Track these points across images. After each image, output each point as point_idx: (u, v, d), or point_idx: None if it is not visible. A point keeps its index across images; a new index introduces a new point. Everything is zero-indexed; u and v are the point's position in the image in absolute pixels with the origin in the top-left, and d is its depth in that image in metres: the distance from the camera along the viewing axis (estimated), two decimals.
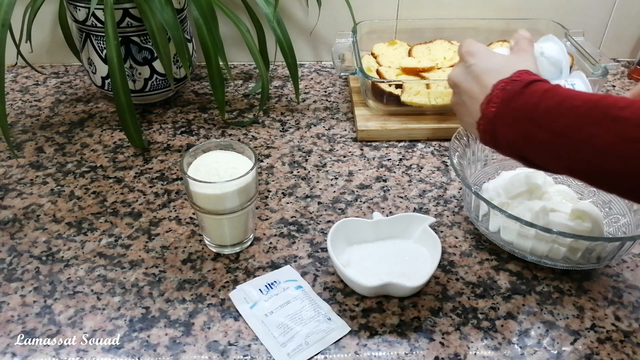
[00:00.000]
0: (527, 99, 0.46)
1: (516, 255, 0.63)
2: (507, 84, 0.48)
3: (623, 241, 0.58)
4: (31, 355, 0.53)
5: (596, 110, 0.42)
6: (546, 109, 0.45)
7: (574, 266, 0.60)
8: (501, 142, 0.49)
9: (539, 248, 0.60)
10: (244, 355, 0.53)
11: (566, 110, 0.43)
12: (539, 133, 0.45)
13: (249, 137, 0.85)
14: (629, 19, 1.06)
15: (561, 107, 0.44)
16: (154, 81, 0.87)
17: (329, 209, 0.71)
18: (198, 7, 0.75)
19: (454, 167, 0.64)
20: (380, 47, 0.98)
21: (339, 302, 0.58)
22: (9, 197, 0.72)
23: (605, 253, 0.59)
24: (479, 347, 0.54)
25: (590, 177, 0.44)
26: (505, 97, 0.48)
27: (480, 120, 0.50)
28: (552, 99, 0.45)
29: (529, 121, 0.46)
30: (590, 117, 0.42)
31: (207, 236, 0.64)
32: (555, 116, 0.44)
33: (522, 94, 0.47)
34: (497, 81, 0.49)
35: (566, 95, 0.45)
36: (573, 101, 0.44)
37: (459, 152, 0.67)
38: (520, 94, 0.47)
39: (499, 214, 0.58)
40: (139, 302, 0.58)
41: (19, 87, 0.98)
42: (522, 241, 0.61)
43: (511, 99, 0.47)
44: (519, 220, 0.57)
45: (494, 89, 0.49)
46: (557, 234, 0.56)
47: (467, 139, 0.70)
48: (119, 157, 0.80)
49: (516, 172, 0.70)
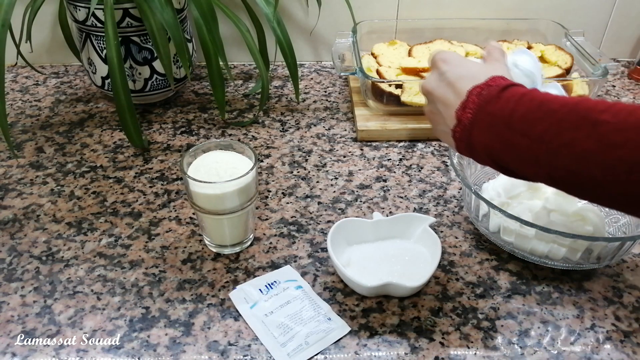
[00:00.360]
0: (503, 103, 0.45)
1: (516, 255, 0.63)
2: (482, 89, 0.47)
3: (623, 241, 0.58)
4: (31, 355, 0.53)
5: (574, 114, 0.41)
6: (523, 113, 0.44)
7: (574, 266, 0.60)
8: (478, 150, 0.47)
9: (539, 248, 0.60)
10: (244, 355, 0.53)
11: (544, 115, 0.42)
12: (517, 139, 0.44)
13: (249, 137, 0.85)
14: (629, 19, 1.06)
15: (539, 111, 0.43)
16: (154, 81, 0.87)
17: (329, 209, 0.71)
18: (198, 7, 0.75)
19: (454, 167, 0.64)
20: (380, 47, 0.98)
21: (339, 302, 0.58)
22: (9, 197, 0.72)
23: (605, 253, 0.59)
24: (479, 347, 0.54)
25: (571, 185, 0.43)
26: (481, 102, 0.46)
27: (456, 127, 0.48)
28: (530, 103, 0.44)
29: (506, 126, 0.44)
30: (568, 121, 0.41)
31: (207, 236, 0.64)
32: (533, 121, 0.43)
33: (499, 99, 0.45)
34: (472, 87, 0.48)
35: (543, 99, 0.44)
36: (551, 105, 0.43)
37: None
38: (497, 98, 0.46)
39: (499, 214, 0.58)
40: (139, 302, 0.58)
41: (19, 87, 0.98)
42: (522, 241, 0.61)
43: (487, 104, 0.46)
44: (519, 220, 0.57)
45: (469, 94, 0.47)
46: (557, 233, 0.56)
47: None
48: (119, 157, 0.80)
49: None
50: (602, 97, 0.98)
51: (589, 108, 0.40)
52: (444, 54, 0.53)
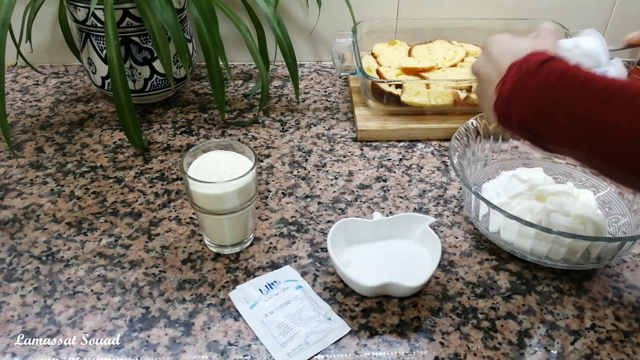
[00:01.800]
0: (542, 78, 0.44)
1: (516, 255, 0.63)
2: (522, 64, 0.46)
3: (623, 241, 0.58)
4: (31, 355, 0.53)
5: (619, 96, 0.39)
6: (564, 91, 0.42)
7: (574, 266, 0.60)
8: (516, 123, 0.47)
9: (539, 248, 0.60)
10: (244, 355, 0.53)
11: (587, 94, 0.40)
12: (556, 116, 0.42)
13: (249, 137, 0.85)
14: (629, 19, 1.06)
15: (581, 90, 0.41)
16: (154, 81, 0.87)
17: (329, 209, 0.71)
18: (198, 7, 0.75)
19: (454, 167, 0.64)
20: (380, 47, 0.98)
21: (339, 302, 0.58)
22: (9, 197, 0.72)
23: (605, 253, 0.59)
24: (479, 347, 0.54)
25: (609, 171, 0.41)
26: (520, 76, 0.46)
27: (496, 101, 0.48)
28: (572, 79, 0.42)
29: (545, 102, 0.43)
30: (612, 103, 0.39)
31: (207, 236, 0.64)
32: (574, 100, 0.41)
33: (537, 73, 0.44)
34: (512, 62, 0.47)
35: (587, 78, 0.42)
36: (595, 84, 0.41)
37: (459, 152, 0.67)
38: (535, 72, 0.44)
39: (499, 214, 0.58)
40: (139, 302, 0.58)
41: (19, 87, 0.98)
42: (522, 241, 0.61)
43: (525, 78, 0.45)
44: (519, 220, 0.57)
45: (509, 69, 0.47)
46: (557, 234, 0.56)
47: (467, 139, 0.70)
48: (119, 157, 0.80)
49: (516, 171, 0.70)
50: None
51: (636, 92, 0.38)
52: (496, 35, 0.53)
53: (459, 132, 0.69)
